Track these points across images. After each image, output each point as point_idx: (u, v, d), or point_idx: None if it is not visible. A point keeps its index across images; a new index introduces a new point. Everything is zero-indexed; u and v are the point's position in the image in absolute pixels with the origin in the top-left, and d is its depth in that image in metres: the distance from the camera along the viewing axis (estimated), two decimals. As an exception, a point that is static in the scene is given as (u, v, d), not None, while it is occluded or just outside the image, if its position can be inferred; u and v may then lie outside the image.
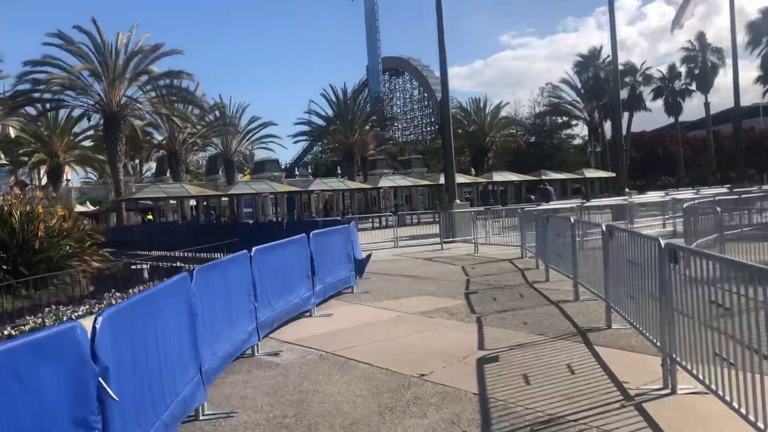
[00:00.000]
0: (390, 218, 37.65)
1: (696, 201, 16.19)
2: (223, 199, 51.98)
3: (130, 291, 11.86)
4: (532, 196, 37.47)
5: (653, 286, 5.82)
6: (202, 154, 72.06)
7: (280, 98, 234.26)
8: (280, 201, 59.21)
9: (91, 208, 56.19)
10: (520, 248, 16.16)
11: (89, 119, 41.12)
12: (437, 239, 22.35)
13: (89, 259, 16.70)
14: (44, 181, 55.02)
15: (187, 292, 5.23)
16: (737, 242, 11.31)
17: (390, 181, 39.59)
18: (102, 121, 38.11)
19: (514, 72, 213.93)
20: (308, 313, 9.29)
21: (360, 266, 12.31)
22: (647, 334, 6.01)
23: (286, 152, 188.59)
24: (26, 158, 49.39)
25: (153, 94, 38.85)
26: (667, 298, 5.34)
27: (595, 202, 23.22)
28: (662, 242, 5.52)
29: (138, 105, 38.20)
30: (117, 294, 11.87)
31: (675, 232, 19.43)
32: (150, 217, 50.12)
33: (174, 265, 15.97)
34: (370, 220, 34.96)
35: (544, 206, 19.72)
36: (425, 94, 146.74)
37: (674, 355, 5.28)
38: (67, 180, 56.93)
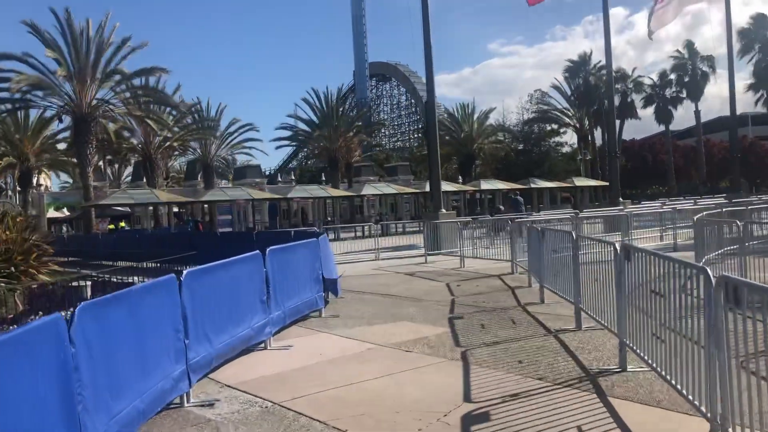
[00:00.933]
0: (374, 227, 36.23)
1: (705, 213, 14.86)
2: (205, 206, 50.37)
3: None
4: (501, 206, 36.00)
5: (695, 328, 4.44)
6: (183, 159, 70.21)
7: (263, 104, 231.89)
8: (261, 208, 57.69)
9: (67, 213, 54.37)
10: (510, 263, 14.77)
11: (60, 120, 39.35)
12: (422, 251, 20.98)
13: (35, 273, 15.14)
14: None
15: (59, 342, 3.75)
16: (760, 257, 9.94)
17: (374, 188, 38.10)
18: (72, 123, 36.38)
19: (502, 80, 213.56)
20: (263, 345, 7.81)
21: (332, 286, 10.85)
22: (685, 393, 4.60)
23: (271, 159, 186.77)
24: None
25: (128, 94, 37.16)
26: (723, 350, 3.93)
27: (588, 212, 21.92)
28: (710, 273, 4.13)
29: (110, 106, 36.47)
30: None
31: (675, 245, 18.17)
32: (123, 224, 48.37)
33: (122, 279, 14.40)
34: (353, 229, 33.49)
35: (539, 217, 18.39)
36: (413, 101, 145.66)
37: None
38: (39, 185, 55.07)
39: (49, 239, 17.89)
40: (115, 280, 14.97)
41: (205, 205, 49.30)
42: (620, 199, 28.24)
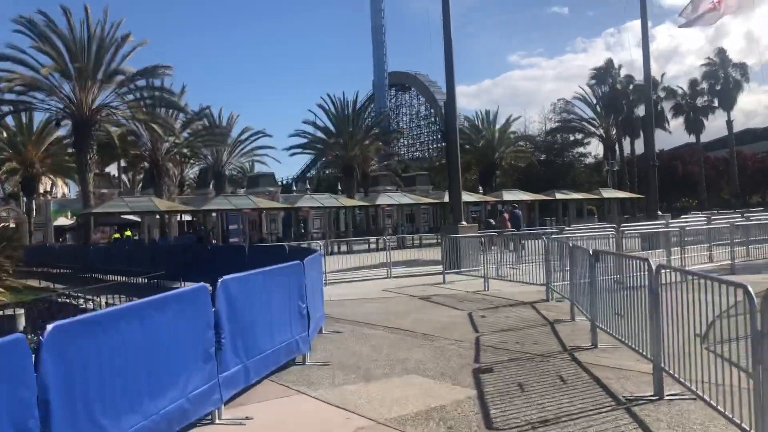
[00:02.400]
0: (389, 240, 33.82)
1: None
2: (213, 215, 48.36)
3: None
4: (492, 221, 33.35)
5: None
6: (197, 167, 68.53)
7: (280, 115, 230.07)
8: (275, 218, 55.57)
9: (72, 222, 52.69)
10: (545, 288, 12.33)
11: (58, 124, 37.55)
12: (439, 267, 18.61)
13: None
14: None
15: None
16: None
17: (389, 198, 35.71)
18: (72, 127, 34.55)
19: (523, 91, 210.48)
20: (208, 418, 5.48)
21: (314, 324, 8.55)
22: None
23: (290, 168, 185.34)
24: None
25: (130, 96, 35.26)
26: None
27: (629, 227, 19.33)
28: None
29: (112, 109, 34.56)
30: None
31: (733, 267, 15.61)
32: (128, 233, 46.45)
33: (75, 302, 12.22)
34: (366, 242, 31.21)
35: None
36: (432, 111, 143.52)
37: None
38: (47, 192, 53.52)
39: (11, 253, 15.78)
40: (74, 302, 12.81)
41: (213, 214, 47.43)
42: (659, 212, 25.60)
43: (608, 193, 43.75)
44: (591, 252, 8.14)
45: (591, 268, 8.03)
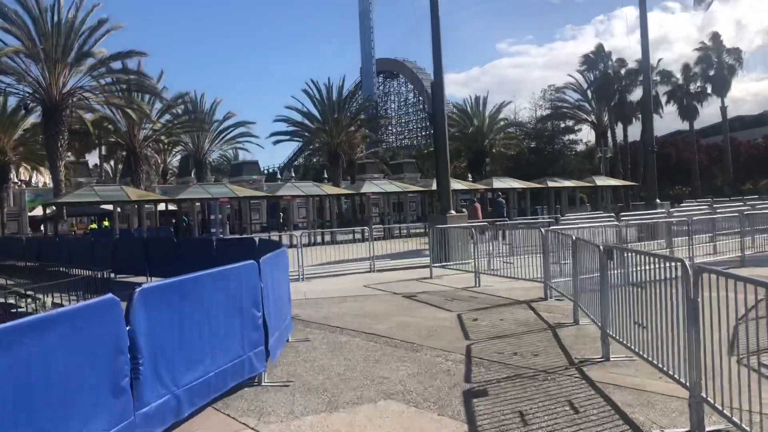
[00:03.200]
0: (373, 231, 32.45)
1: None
2: (197, 204, 46.83)
3: None
4: (464, 210, 31.95)
5: None
6: (180, 156, 66.78)
7: (264, 104, 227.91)
8: (259, 208, 54.06)
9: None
10: (542, 285, 11.10)
11: (26, 109, 35.82)
12: (427, 259, 17.41)
13: None
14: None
15: None
16: None
17: (375, 186, 34.31)
18: (41, 112, 32.90)
19: (511, 79, 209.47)
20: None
21: (279, 337, 7.28)
22: None
23: (277, 156, 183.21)
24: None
25: (103, 81, 33.61)
26: None
27: (631, 216, 18.12)
28: None
29: (85, 94, 32.89)
30: None
31: (743, 260, 14.47)
32: (106, 223, 44.91)
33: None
34: (352, 232, 29.89)
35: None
36: (421, 98, 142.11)
37: None
38: (22, 180, 51.77)
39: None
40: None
41: (197, 204, 45.89)
42: (657, 200, 24.49)
43: (601, 181, 42.58)
44: (602, 249, 6.88)
45: (602, 268, 6.78)
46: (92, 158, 65.67)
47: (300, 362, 7.17)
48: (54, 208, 43.53)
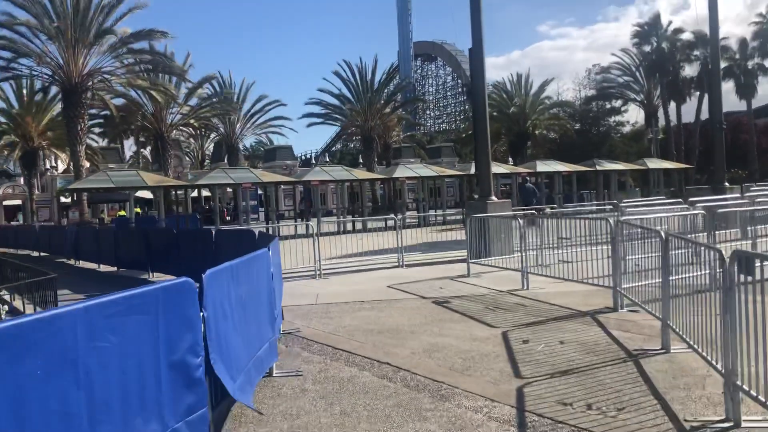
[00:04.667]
0: (408, 217, 30.24)
1: None
2: (229, 190, 45.30)
3: None
4: (476, 196, 29.56)
5: None
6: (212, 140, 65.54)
7: (298, 88, 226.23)
8: (292, 193, 52.30)
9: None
10: (611, 291, 8.73)
11: (44, 92, 34.57)
12: (464, 252, 15.18)
13: None
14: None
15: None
16: None
17: (409, 170, 31.90)
18: (61, 94, 31.48)
19: (552, 62, 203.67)
20: None
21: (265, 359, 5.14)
22: None
23: (315, 142, 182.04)
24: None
25: (125, 61, 31.96)
26: None
27: (704, 201, 15.41)
28: None
29: (105, 75, 31.30)
30: None
31: None
32: (138, 210, 43.61)
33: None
34: (383, 220, 27.73)
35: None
36: (459, 81, 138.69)
37: None
38: (52, 167, 50.99)
39: None
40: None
41: (229, 190, 44.28)
42: (726, 184, 21.68)
43: (653, 164, 39.31)
44: (725, 256, 4.50)
45: (727, 288, 4.42)
46: (131, 145, 64.89)
47: (274, 417, 5.01)
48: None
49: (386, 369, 6.22)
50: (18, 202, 48.62)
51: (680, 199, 16.14)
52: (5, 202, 46.98)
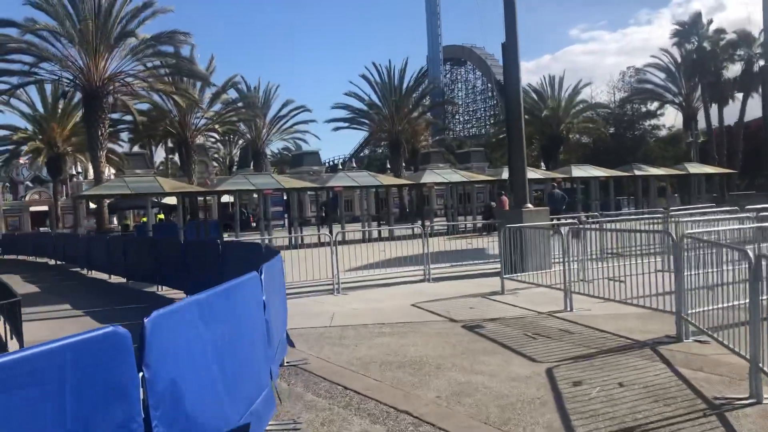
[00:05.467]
0: (436, 225, 28.98)
1: None
2: (254, 195, 44.56)
3: None
4: (494, 203, 28.32)
5: None
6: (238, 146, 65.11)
7: (324, 95, 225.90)
8: (318, 199, 51.35)
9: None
10: (673, 317, 7.42)
11: (64, 96, 34.15)
12: (496, 265, 13.96)
13: None
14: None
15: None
16: None
17: (436, 175, 30.60)
18: (82, 98, 30.96)
19: (584, 66, 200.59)
20: None
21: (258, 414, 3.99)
22: None
23: (343, 148, 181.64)
24: (15, 146, 42.67)
25: (145, 66, 31.32)
26: None
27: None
28: None
29: (127, 78, 30.64)
30: None
31: None
32: (161, 217, 43.06)
33: None
34: (411, 228, 26.53)
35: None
36: (489, 85, 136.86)
37: None
38: (78, 172, 50.86)
39: None
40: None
41: (255, 195, 43.51)
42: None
43: (695, 168, 37.42)
44: None
45: None
46: (160, 151, 64.68)
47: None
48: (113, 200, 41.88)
49: (405, 421, 5.03)
50: (45, 208, 48.55)
51: (735, 207, 14.62)
52: (33, 209, 46.91)
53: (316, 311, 10.28)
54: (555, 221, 14.85)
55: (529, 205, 14.21)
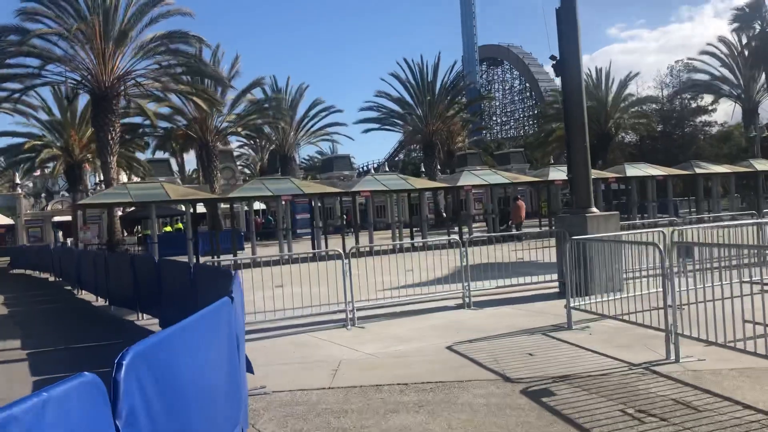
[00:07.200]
0: (475, 232, 26.08)
1: None
2: (282, 202, 42.23)
3: None
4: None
5: None
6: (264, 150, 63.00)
7: (357, 96, 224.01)
8: (349, 205, 48.89)
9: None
10: None
11: (68, 99, 32.25)
12: (553, 287, 11.22)
13: None
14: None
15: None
16: None
17: (474, 177, 27.62)
18: (90, 100, 28.96)
19: (623, 66, 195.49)
20: None
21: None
22: None
23: (377, 152, 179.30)
24: (30, 154, 41.03)
25: (162, 64, 29.17)
26: None
27: None
28: None
29: (137, 80, 28.49)
30: None
31: None
32: (180, 226, 41.01)
33: None
34: (447, 235, 23.65)
35: None
36: (527, 84, 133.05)
37: None
38: (101, 181, 49.18)
39: None
40: None
41: (283, 202, 41.17)
42: None
43: (762, 165, 33.68)
44: None
45: None
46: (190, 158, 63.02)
47: None
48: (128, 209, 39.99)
49: None
50: (69, 218, 46.97)
51: None
52: (55, 218, 45.37)
53: (318, 357, 7.61)
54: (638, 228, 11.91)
55: (594, 209, 11.27)
